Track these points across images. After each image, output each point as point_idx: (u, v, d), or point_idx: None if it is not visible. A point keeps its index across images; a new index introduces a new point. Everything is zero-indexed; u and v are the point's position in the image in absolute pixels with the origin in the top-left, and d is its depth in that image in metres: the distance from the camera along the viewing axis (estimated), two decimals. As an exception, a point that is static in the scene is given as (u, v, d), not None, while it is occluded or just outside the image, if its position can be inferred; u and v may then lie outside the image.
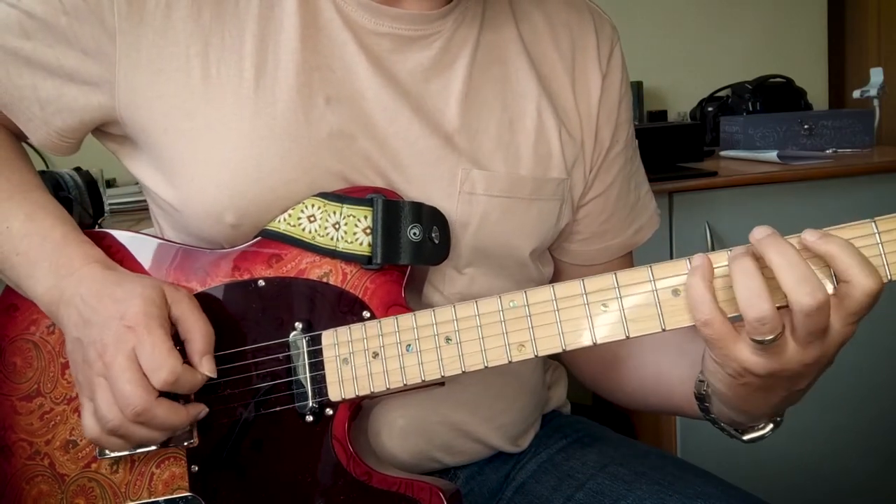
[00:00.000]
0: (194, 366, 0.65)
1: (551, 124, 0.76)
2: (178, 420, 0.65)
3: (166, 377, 0.62)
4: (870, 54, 2.16)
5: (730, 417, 0.65)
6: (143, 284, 0.66)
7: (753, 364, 0.56)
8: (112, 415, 0.63)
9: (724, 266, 0.57)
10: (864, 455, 1.65)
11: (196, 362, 0.65)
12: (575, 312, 0.60)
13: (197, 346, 0.66)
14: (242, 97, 0.68)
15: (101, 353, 0.64)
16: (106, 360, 0.63)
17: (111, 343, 0.63)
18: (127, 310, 0.64)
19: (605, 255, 0.86)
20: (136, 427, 0.64)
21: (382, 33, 0.71)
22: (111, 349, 0.63)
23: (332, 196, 0.68)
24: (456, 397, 0.76)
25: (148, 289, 0.65)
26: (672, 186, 1.48)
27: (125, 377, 0.62)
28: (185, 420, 0.65)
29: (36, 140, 0.75)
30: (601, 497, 0.77)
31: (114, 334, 0.63)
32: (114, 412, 0.63)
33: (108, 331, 0.64)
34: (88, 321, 0.65)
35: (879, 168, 1.56)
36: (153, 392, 0.63)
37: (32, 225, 0.71)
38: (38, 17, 0.70)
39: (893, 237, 0.54)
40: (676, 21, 2.12)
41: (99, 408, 0.64)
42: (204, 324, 0.66)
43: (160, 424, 0.64)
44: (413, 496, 0.66)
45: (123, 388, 0.62)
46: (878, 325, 1.61)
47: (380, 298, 0.67)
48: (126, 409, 0.62)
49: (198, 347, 0.66)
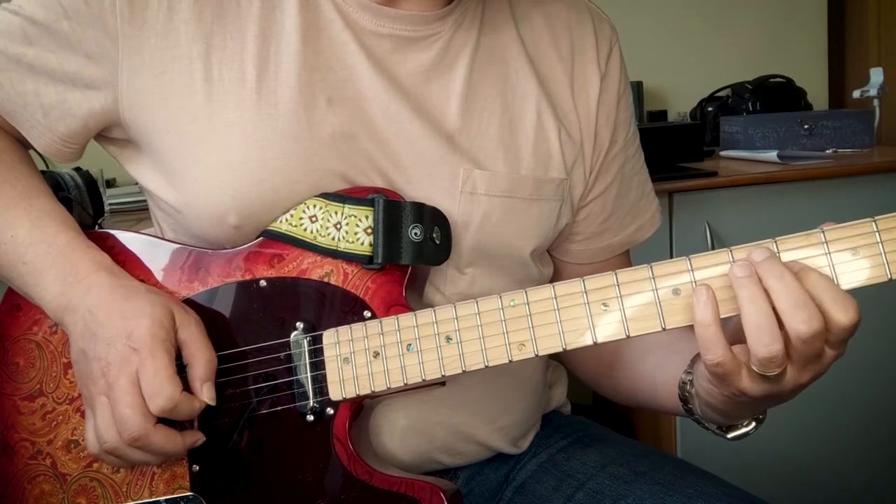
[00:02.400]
0: (194, 392, 0.65)
1: (551, 125, 0.77)
2: (173, 448, 0.65)
3: (164, 404, 0.62)
4: (870, 54, 2.16)
5: (713, 417, 0.66)
6: (153, 303, 0.66)
7: (752, 389, 0.57)
8: (109, 436, 0.64)
9: (724, 265, 0.57)
10: (865, 455, 1.65)
11: (196, 388, 0.65)
12: (575, 312, 0.60)
13: (199, 371, 0.66)
14: (245, 98, 0.68)
15: (104, 371, 0.64)
16: (109, 379, 0.63)
17: (115, 363, 0.63)
18: (134, 330, 0.64)
19: (605, 254, 0.87)
20: (132, 450, 0.64)
21: (383, 34, 0.71)
22: (114, 369, 0.63)
23: (333, 196, 0.69)
24: (457, 398, 0.76)
25: (157, 308, 0.65)
26: (672, 186, 1.48)
27: (125, 401, 0.63)
28: (180, 448, 0.66)
29: (40, 146, 0.75)
30: (601, 497, 0.77)
31: (118, 354, 0.64)
32: (111, 434, 0.64)
33: (113, 350, 0.64)
34: (94, 335, 0.65)
35: (879, 168, 1.56)
36: (151, 418, 0.63)
37: (37, 232, 0.70)
38: (40, 23, 0.70)
39: (893, 237, 0.54)
40: (676, 21, 2.12)
41: (98, 427, 0.65)
42: (208, 350, 0.66)
43: (156, 450, 0.64)
44: (413, 496, 0.66)
45: (123, 412, 0.63)
46: (879, 326, 1.61)
47: (381, 298, 0.68)
48: (123, 432, 0.63)
49: (199, 373, 0.66)
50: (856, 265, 0.55)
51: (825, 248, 0.55)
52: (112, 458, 0.66)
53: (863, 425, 1.64)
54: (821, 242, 0.56)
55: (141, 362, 0.63)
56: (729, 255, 0.57)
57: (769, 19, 2.14)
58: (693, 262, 0.58)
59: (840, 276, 0.55)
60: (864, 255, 0.55)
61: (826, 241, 0.55)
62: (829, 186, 1.56)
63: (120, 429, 0.63)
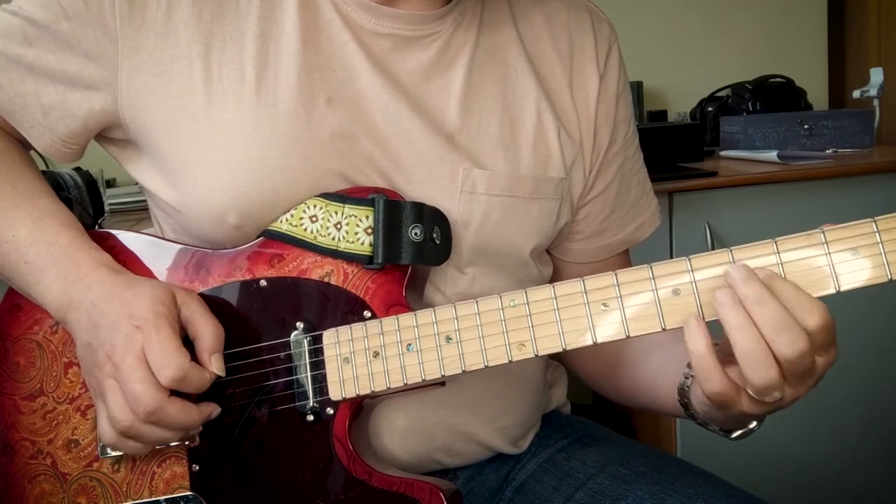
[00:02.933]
0: (203, 364, 0.65)
1: (550, 124, 0.77)
2: (191, 419, 0.64)
3: (173, 374, 0.62)
4: (870, 54, 2.16)
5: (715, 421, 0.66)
6: (153, 285, 0.66)
7: (752, 410, 0.58)
8: (123, 416, 0.63)
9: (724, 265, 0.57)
10: (865, 455, 1.66)
11: (205, 360, 0.65)
12: (575, 311, 0.60)
13: (206, 343, 0.65)
14: (244, 98, 0.68)
15: (110, 354, 0.63)
16: (115, 361, 0.63)
17: (120, 344, 0.63)
18: (136, 309, 0.64)
19: (605, 253, 0.87)
20: (149, 427, 0.63)
21: (382, 33, 0.71)
22: (120, 350, 0.63)
23: (333, 196, 0.69)
24: (457, 398, 0.76)
25: (157, 289, 0.65)
26: (672, 186, 1.48)
27: (135, 377, 0.62)
28: (197, 419, 0.65)
29: (40, 147, 0.75)
30: (601, 497, 0.77)
31: (123, 335, 0.63)
32: (125, 413, 0.63)
33: (117, 332, 0.63)
34: (97, 324, 0.65)
35: (879, 168, 1.56)
36: (163, 390, 0.62)
37: (39, 233, 0.70)
38: (39, 24, 0.70)
39: (893, 237, 0.54)
40: (676, 21, 2.12)
41: (111, 410, 0.64)
42: (214, 323, 0.66)
43: (172, 424, 0.63)
44: (413, 496, 0.66)
45: (134, 387, 0.62)
46: (879, 326, 1.61)
47: (381, 298, 0.68)
48: (137, 409, 0.62)
49: (207, 345, 0.65)
50: (856, 265, 0.55)
51: (825, 249, 0.55)
52: (129, 443, 0.65)
53: (863, 425, 1.64)
54: (821, 243, 0.56)
55: (146, 337, 0.62)
56: (729, 256, 0.57)
57: (769, 19, 2.14)
58: (693, 263, 0.58)
59: (840, 276, 0.55)
60: (864, 255, 0.55)
61: (826, 241, 0.55)
62: (829, 186, 1.56)
63: (133, 406, 0.62)
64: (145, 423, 0.63)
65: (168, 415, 0.63)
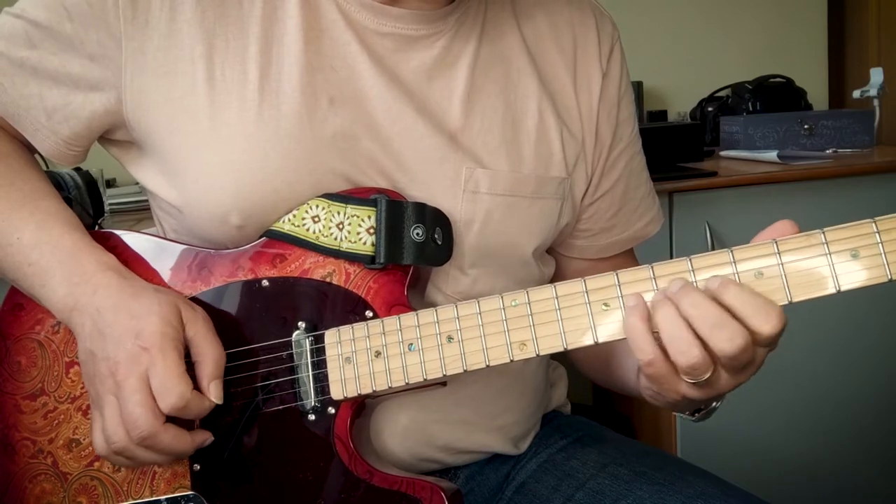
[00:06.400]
0: (202, 389, 0.65)
1: (552, 124, 0.77)
2: (183, 447, 0.65)
3: (175, 402, 0.62)
4: (870, 54, 2.16)
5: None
6: (161, 301, 0.66)
7: (692, 393, 0.59)
8: (118, 436, 0.63)
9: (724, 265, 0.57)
10: (865, 455, 1.66)
11: (204, 386, 0.65)
12: (576, 311, 0.61)
13: (207, 369, 0.66)
14: (247, 99, 0.68)
15: (113, 370, 0.64)
16: (118, 378, 0.63)
17: (124, 362, 0.63)
18: (143, 328, 0.64)
19: (612, 249, 0.87)
20: (141, 450, 0.64)
21: (385, 33, 0.71)
22: (123, 368, 0.63)
23: (336, 196, 0.69)
24: (458, 398, 0.77)
25: (165, 307, 0.65)
26: (672, 186, 1.48)
27: (135, 399, 0.62)
28: (189, 448, 0.66)
29: (44, 150, 0.75)
30: (601, 497, 0.77)
31: (127, 353, 0.63)
32: (120, 434, 0.63)
33: (121, 348, 0.64)
34: (103, 334, 0.65)
35: (879, 168, 1.56)
36: (161, 417, 0.63)
37: (43, 234, 0.70)
38: (43, 26, 0.70)
39: (893, 237, 0.54)
40: (676, 21, 2.12)
41: (106, 427, 0.64)
42: (216, 348, 0.66)
43: (165, 450, 0.64)
44: (414, 495, 0.66)
45: (133, 410, 0.62)
46: (879, 326, 1.61)
47: (383, 298, 0.68)
48: (132, 431, 0.63)
49: (207, 371, 0.65)
50: (856, 266, 0.55)
51: (825, 249, 0.56)
52: (120, 459, 0.66)
53: (863, 425, 1.64)
54: (821, 243, 0.56)
55: (151, 361, 0.63)
56: (729, 256, 0.57)
57: (769, 19, 2.14)
58: (693, 263, 0.58)
59: (840, 276, 0.55)
60: (864, 255, 0.55)
61: (826, 241, 0.56)
62: (829, 186, 1.56)
63: (129, 428, 0.63)
64: (138, 446, 0.63)
65: (161, 441, 0.63)
